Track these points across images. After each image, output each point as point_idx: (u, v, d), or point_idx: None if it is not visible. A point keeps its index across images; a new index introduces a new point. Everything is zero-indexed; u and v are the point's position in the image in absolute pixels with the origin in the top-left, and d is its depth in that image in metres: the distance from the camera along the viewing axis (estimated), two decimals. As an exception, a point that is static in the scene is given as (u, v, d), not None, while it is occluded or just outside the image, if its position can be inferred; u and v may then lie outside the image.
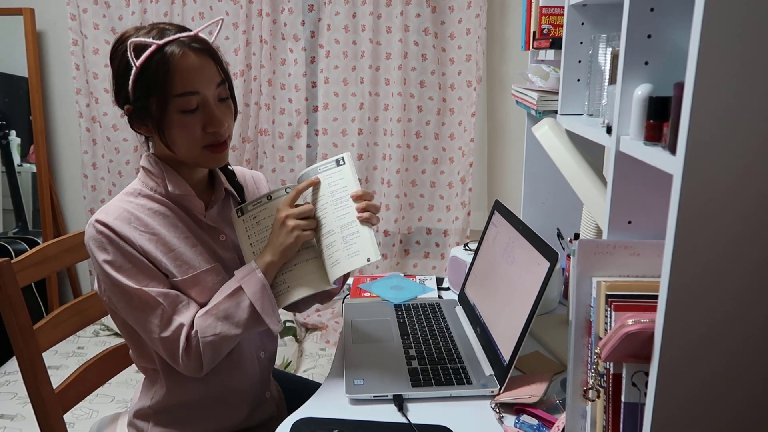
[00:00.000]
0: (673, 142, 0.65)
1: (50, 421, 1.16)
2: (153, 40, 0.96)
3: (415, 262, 2.68)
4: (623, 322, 0.73)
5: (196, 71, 0.97)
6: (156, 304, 1.00)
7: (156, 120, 0.98)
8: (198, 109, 0.99)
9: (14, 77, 2.69)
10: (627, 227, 0.87)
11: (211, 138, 1.02)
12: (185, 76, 0.96)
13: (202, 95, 0.99)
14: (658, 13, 0.80)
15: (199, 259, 1.06)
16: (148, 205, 1.05)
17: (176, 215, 1.07)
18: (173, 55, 0.95)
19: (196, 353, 1.01)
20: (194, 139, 1.01)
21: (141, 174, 1.09)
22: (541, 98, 1.31)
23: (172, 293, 1.02)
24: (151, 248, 1.02)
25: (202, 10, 2.52)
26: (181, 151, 1.02)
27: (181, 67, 0.95)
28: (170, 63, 0.95)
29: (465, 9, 2.39)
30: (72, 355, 2.36)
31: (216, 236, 1.11)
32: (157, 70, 0.95)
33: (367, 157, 2.57)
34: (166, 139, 1.01)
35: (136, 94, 0.98)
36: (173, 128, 0.99)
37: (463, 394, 1.07)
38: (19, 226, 2.76)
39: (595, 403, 0.83)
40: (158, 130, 0.99)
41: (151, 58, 0.95)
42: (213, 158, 1.05)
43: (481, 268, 1.39)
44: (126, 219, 1.02)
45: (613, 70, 0.95)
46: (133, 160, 2.66)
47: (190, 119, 0.99)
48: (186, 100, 0.97)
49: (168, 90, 0.96)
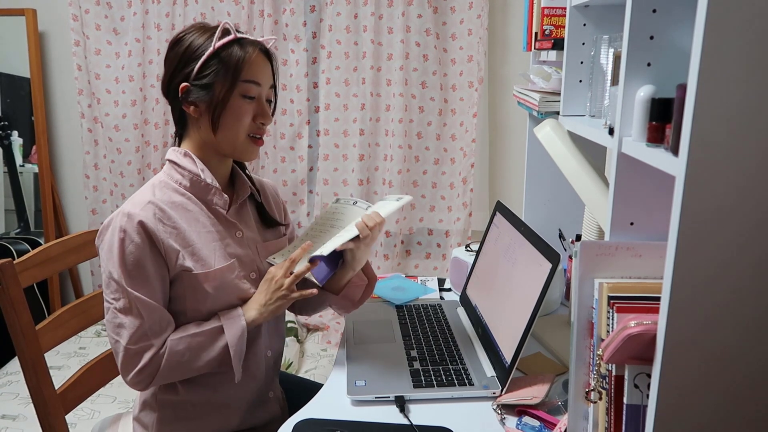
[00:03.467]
0: (676, 144, 0.65)
1: (52, 421, 1.16)
2: (234, 32, 1.08)
3: (416, 262, 2.67)
4: (625, 324, 0.73)
5: (261, 67, 1.10)
6: (138, 315, 1.03)
7: (218, 99, 1.06)
8: (254, 99, 1.09)
9: (16, 78, 2.69)
10: (629, 228, 0.87)
11: (256, 129, 1.11)
12: (254, 67, 1.08)
13: (261, 89, 1.10)
14: (660, 14, 0.80)
15: (216, 255, 1.09)
16: (173, 198, 1.08)
17: (198, 209, 1.10)
18: (250, 47, 1.08)
19: (152, 371, 1.04)
20: (244, 125, 1.09)
21: (167, 167, 1.13)
22: (543, 99, 1.31)
23: (158, 311, 1.04)
24: (171, 242, 1.05)
25: (204, 10, 2.52)
26: (227, 134, 1.09)
27: (252, 59, 1.08)
28: (246, 53, 1.07)
29: (467, 10, 2.39)
30: (74, 355, 2.37)
31: (233, 232, 1.13)
32: (233, 54, 1.06)
33: (368, 157, 2.57)
34: (220, 120, 1.07)
35: (203, 72, 1.06)
36: (231, 110, 1.07)
37: (465, 395, 1.07)
38: (20, 227, 2.76)
39: (597, 404, 0.83)
40: (217, 108, 1.06)
41: (230, 43, 1.07)
42: (252, 149, 1.13)
43: (483, 269, 1.39)
44: (152, 211, 1.04)
45: (615, 71, 0.95)
46: (135, 160, 2.66)
47: (247, 106, 1.08)
48: (250, 87, 1.08)
49: (238, 73, 1.06)
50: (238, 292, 1.11)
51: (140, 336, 1.03)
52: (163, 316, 1.05)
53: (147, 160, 2.67)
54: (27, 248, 2.59)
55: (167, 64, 1.11)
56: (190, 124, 1.11)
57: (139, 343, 1.03)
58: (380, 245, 2.61)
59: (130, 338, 1.03)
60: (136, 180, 2.67)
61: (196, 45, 1.07)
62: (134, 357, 1.03)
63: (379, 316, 1.40)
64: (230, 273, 1.09)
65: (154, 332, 1.04)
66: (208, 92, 1.06)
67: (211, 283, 1.07)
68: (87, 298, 1.29)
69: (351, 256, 1.17)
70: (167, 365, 1.04)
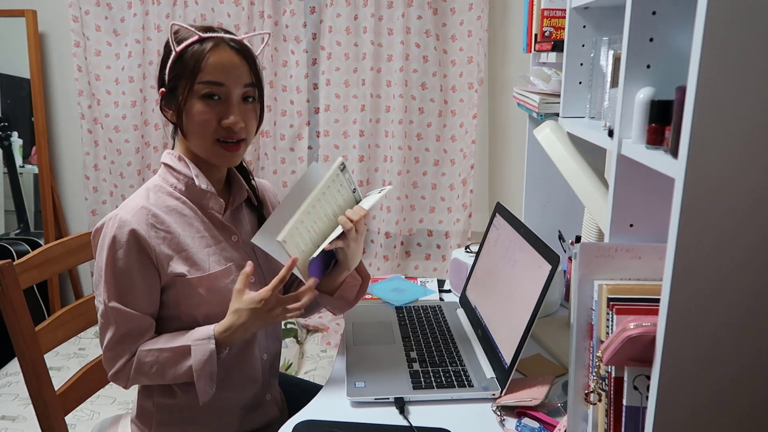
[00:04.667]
0: (675, 146, 0.65)
1: (52, 422, 1.16)
2: (197, 32, 1.04)
3: (416, 263, 2.67)
4: (625, 326, 0.73)
5: (227, 65, 1.03)
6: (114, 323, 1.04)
7: (179, 103, 1.04)
8: (219, 101, 1.04)
9: (16, 78, 2.69)
10: (629, 230, 0.87)
11: (223, 132, 1.05)
12: (215, 66, 1.03)
13: (227, 89, 1.04)
14: (660, 16, 0.80)
15: (211, 260, 1.08)
16: (167, 202, 1.08)
17: (193, 214, 1.09)
18: (209, 46, 1.03)
19: (125, 375, 1.06)
20: (208, 130, 1.04)
21: (162, 170, 1.11)
22: (543, 101, 1.31)
23: (135, 320, 1.05)
24: (164, 247, 1.04)
25: (204, 12, 2.52)
26: (194, 140, 1.07)
27: (214, 58, 1.02)
28: (205, 52, 1.02)
29: (466, 11, 2.39)
30: (73, 356, 2.36)
31: (229, 236, 1.13)
32: (192, 56, 1.03)
33: (368, 158, 2.57)
34: (184, 125, 1.05)
35: (170, 77, 1.05)
36: (192, 114, 1.04)
37: (465, 396, 1.07)
38: (20, 228, 2.76)
39: (597, 406, 0.83)
40: (179, 112, 1.05)
41: (190, 46, 1.03)
42: (223, 155, 1.07)
43: (483, 271, 1.39)
44: (144, 217, 1.04)
45: (614, 73, 0.95)
46: (135, 161, 2.66)
47: (209, 108, 1.04)
48: (209, 88, 1.03)
49: (195, 75, 1.02)
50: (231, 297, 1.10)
51: (115, 342, 1.05)
52: (141, 325, 1.05)
53: (147, 161, 2.67)
54: (27, 249, 2.59)
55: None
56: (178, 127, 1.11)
57: (114, 349, 1.05)
58: (380, 246, 2.61)
59: (107, 343, 1.06)
60: (136, 181, 2.67)
61: (166, 50, 1.07)
62: (110, 361, 1.06)
63: (378, 318, 1.40)
64: (225, 278, 1.08)
65: (130, 340, 1.05)
66: (174, 96, 1.05)
67: (205, 288, 1.06)
68: (87, 300, 1.29)
69: (343, 255, 1.14)
70: (136, 373, 1.06)
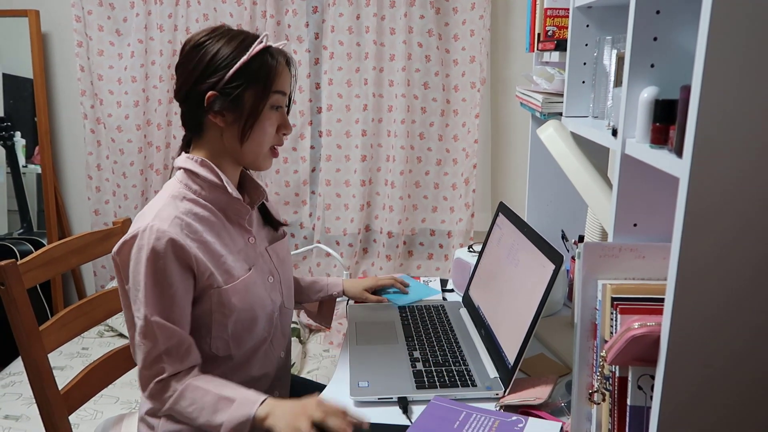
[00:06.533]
0: (680, 145, 0.65)
1: (56, 421, 1.16)
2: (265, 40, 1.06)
3: (418, 263, 2.67)
4: (629, 326, 0.73)
5: (287, 77, 1.09)
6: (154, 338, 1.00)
7: (250, 110, 1.04)
8: (279, 110, 1.09)
9: (19, 78, 2.69)
10: (632, 230, 0.87)
11: (278, 140, 1.11)
12: (283, 77, 1.08)
13: (285, 99, 1.10)
14: (664, 15, 0.79)
15: (238, 267, 1.08)
16: (194, 210, 1.05)
17: (218, 220, 1.08)
18: (280, 57, 1.07)
19: (160, 400, 1.02)
20: (270, 137, 1.08)
21: (182, 176, 1.08)
22: (546, 100, 1.31)
23: (177, 336, 1.01)
24: (201, 257, 1.02)
25: (206, 11, 2.52)
26: (253, 146, 1.07)
27: (282, 69, 1.07)
28: (278, 62, 1.06)
29: (469, 10, 2.39)
30: (76, 356, 2.37)
31: (247, 239, 1.13)
32: (264, 64, 1.05)
33: (370, 158, 2.56)
34: (244, 131, 1.05)
35: (234, 82, 1.03)
36: (264, 122, 1.06)
37: (468, 396, 1.07)
38: (23, 227, 2.76)
39: (601, 406, 0.83)
40: (248, 119, 1.04)
41: (261, 52, 1.04)
42: (269, 160, 1.12)
43: (486, 270, 1.39)
44: (179, 226, 1.01)
45: (618, 73, 0.95)
46: (138, 161, 2.66)
47: (274, 117, 1.08)
48: (279, 97, 1.07)
49: (270, 84, 1.05)
50: (259, 301, 1.10)
51: (154, 359, 1.01)
52: (182, 342, 1.02)
53: (149, 161, 2.68)
54: (30, 249, 2.59)
55: (186, 69, 1.05)
56: (209, 132, 1.07)
57: (153, 367, 1.01)
58: (382, 246, 2.61)
59: (146, 361, 1.01)
60: (139, 181, 2.68)
61: (225, 53, 1.03)
62: (147, 379, 1.02)
63: (381, 317, 1.40)
64: (252, 283, 1.09)
65: (171, 358, 1.01)
66: (237, 102, 1.03)
67: (237, 296, 1.05)
68: (90, 299, 1.29)
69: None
70: (174, 403, 1.01)
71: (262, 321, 1.12)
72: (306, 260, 2.71)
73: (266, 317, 1.13)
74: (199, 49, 1.04)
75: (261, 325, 1.12)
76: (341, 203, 2.62)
